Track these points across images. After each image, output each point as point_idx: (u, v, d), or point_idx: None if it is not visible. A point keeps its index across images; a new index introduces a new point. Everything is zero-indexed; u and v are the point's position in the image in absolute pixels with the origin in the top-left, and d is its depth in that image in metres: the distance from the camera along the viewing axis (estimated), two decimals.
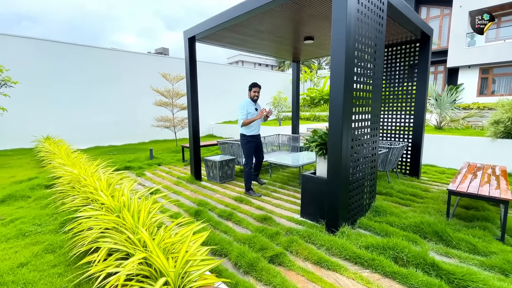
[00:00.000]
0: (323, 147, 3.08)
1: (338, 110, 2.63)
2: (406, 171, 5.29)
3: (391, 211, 3.28)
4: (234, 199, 4.07)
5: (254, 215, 3.39)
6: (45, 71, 9.18)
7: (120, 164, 6.50)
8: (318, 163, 3.22)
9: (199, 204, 3.86)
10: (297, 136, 6.59)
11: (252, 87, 4.29)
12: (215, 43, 5.14)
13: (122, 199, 2.25)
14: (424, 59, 4.84)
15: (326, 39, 4.95)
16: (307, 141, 3.29)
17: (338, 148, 2.67)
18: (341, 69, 2.57)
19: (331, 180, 2.79)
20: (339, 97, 2.61)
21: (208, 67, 13.66)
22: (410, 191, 4.19)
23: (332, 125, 2.70)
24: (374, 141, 3.29)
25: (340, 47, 2.55)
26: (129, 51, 11.19)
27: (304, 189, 3.30)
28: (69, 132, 9.64)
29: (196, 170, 5.17)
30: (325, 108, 14.58)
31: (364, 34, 2.80)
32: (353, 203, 3.01)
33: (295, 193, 4.33)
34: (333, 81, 2.65)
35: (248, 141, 4.34)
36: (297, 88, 7.02)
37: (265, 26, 4.22)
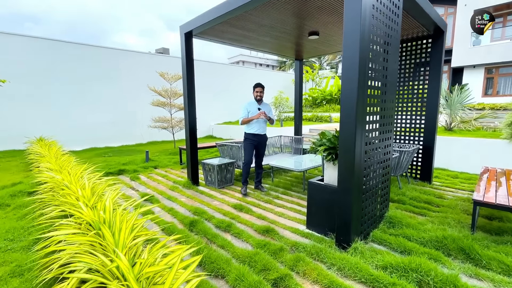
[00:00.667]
0: (332, 152, 2.76)
1: (351, 112, 2.31)
2: (417, 176, 4.97)
3: (407, 222, 2.95)
4: (233, 206, 3.75)
5: (255, 226, 3.07)
6: (38, 69, 8.88)
7: (114, 167, 6.19)
8: (327, 169, 2.90)
9: (195, 212, 3.54)
10: (300, 138, 6.27)
11: (255, 88, 4.33)
12: (213, 39, 4.83)
13: (101, 215, 1.93)
14: (437, 57, 4.52)
15: (332, 34, 4.63)
16: (314, 145, 2.97)
17: (351, 152, 2.35)
18: (355, 66, 2.25)
19: (342, 188, 2.47)
20: (352, 96, 2.29)
21: (208, 67, 13.36)
22: (424, 198, 3.86)
23: (344, 127, 2.38)
24: (387, 144, 2.97)
25: (354, 41, 2.24)
26: (126, 50, 10.89)
27: (310, 197, 2.98)
28: (64, 132, 9.34)
29: (193, 174, 4.85)
30: (327, 109, 14.26)
31: (380, 26, 2.48)
32: (366, 214, 2.69)
33: (300, 200, 4.01)
34: (345, 79, 2.34)
35: (246, 138, 4.38)
36: (300, 87, 6.70)
37: (267, 19, 3.91)
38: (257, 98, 4.31)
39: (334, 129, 2.98)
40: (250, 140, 4.34)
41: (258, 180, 4.56)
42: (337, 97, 15.40)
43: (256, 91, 4.29)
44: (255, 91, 4.31)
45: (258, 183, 4.56)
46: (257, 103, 4.37)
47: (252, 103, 4.36)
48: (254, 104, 4.35)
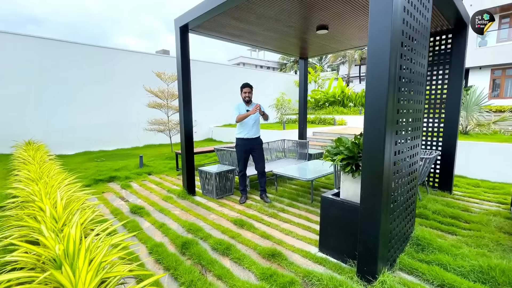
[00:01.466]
0: (352, 162, 2.31)
1: (379, 115, 1.87)
2: (435, 185, 4.52)
3: (439, 244, 2.50)
4: (233, 222, 3.29)
5: (258, 248, 2.61)
6: (27, 69, 8.46)
7: (105, 173, 5.74)
8: (344, 182, 2.45)
9: (190, 229, 3.08)
10: (305, 142, 5.82)
11: (242, 88, 3.96)
12: (212, 34, 4.39)
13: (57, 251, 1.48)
14: (459, 54, 4.08)
15: (343, 29, 4.20)
16: (328, 153, 2.52)
17: (379, 164, 1.90)
18: (385, 61, 1.81)
19: (367, 207, 2.02)
20: (380, 98, 1.85)
21: (208, 67, 12.95)
22: (449, 212, 3.40)
23: (370, 134, 1.93)
24: (415, 153, 2.52)
25: (384, 31, 1.80)
26: (121, 49, 10.48)
27: (324, 215, 2.53)
28: (56, 135, 8.89)
29: (189, 183, 4.39)
30: (331, 111, 13.83)
31: (411, 17, 2.04)
32: (394, 237, 2.24)
33: (308, 213, 3.55)
34: (371, 78, 1.90)
35: (236, 144, 4.06)
36: (305, 88, 6.26)
37: (271, 10, 3.48)
38: (245, 99, 3.97)
39: (341, 133, 2.54)
40: (241, 146, 4.00)
41: (262, 189, 4.13)
42: (340, 98, 14.98)
43: (244, 91, 3.95)
44: (243, 92, 3.96)
45: (262, 192, 4.13)
46: (246, 104, 4.01)
47: (241, 105, 4.03)
48: (243, 106, 4.00)
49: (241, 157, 4.03)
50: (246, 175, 4.18)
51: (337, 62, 34.22)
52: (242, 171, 4.10)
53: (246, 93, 3.94)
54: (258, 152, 4.05)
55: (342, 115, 12.70)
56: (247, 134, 3.97)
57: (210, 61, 13.40)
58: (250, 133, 3.97)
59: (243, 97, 3.99)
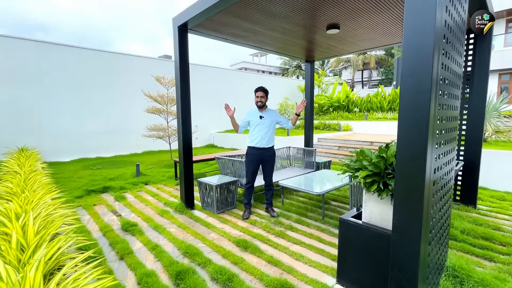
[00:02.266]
0: (378, 180, 1.93)
1: (420, 125, 1.50)
2: (457, 198, 4.12)
3: (481, 278, 2.09)
4: (236, 243, 2.90)
5: (265, 279, 2.22)
6: (23, 73, 8.19)
7: (99, 183, 5.38)
8: (367, 203, 2.07)
9: (186, 252, 2.70)
10: (312, 150, 5.45)
11: (255, 92, 3.67)
12: (213, 34, 4.07)
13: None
14: (484, 54, 3.73)
15: (356, 28, 3.87)
16: (348, 168, 2.15)
17: (419, 183, 1.53)
18: (428, 56, 1.46)
19: (402, 236, 1.64)
20: (422, 103, 1.49)
21: (210, 72, 12.68)
22: (480, 232, 3.00)
23: (408, 147, 1.56)
24: (451, 168, 2.15)
25: (428, 21, 1.45)
26: (121, 53, 10.22)
27: (344, 241, 2.14)
28: (51, 142, 8.58)
29: (187, 195, 4.02)
30: (335, 116, 13.47)
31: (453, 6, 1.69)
32: (431, 270, 1.85)
33: (319, 232, 3.17)
34: (410, 79, 1.54)
35: (247, 153, 3.74)
36: (311, 93, 5.91)
37: (277, 7, 3.15)
38: (258, 104, 3.64)
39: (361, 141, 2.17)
40: (251, 155, 3.66)
41: (268, 202, 3.79)
42: (344, 104, 14.63)
43: (256, 95, 3.63)
44: (256, 96, 3.64)
45: (268, 205, 3.79)
46: (259, 110, 3.67)
47: (254, 111, 3.72)
48: (255, 113, 3.69)
49: (250, 168, 3.67)
50: (253, 187, 3.81)
51: (339, 67, 34.02)
52: (249, 183, 3.74)
53: (259, 97, 3.60)
54: (268, 164, 3.69)
55: (347, 121, 12.33)
56: (259, 143, 3.60)
57: (212, 66, 13.14)
58: (262, 142, 3.60)
59: (256, 102, 3.65)
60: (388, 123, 11.02)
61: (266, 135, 3.61)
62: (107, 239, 3.07)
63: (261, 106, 3.65)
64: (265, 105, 3.70)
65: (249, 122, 3.72)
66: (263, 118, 3.64)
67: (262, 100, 3.62)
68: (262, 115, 3.65)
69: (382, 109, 13.52)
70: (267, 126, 3.62)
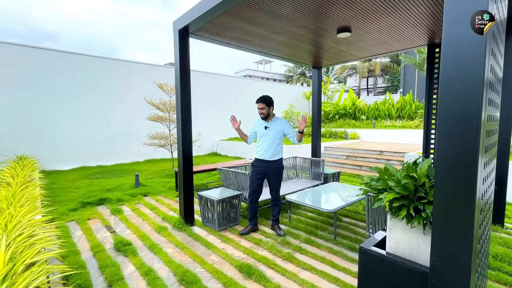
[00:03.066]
0: (407, 204, 1.62)
1: (468, 138, 1.21)
2: None
3: None
4: (239, 268, 2.59)
5: None
6: (22, 80, 8.10)
7: (96, 194, 5.13)
8: (392, 229, 1.75)
9: (182, 279, 2.39)
10: (319, 161, 5.13)
11: (256, 104, 3.46)
12: (216, 38, 3.86)
13: None
14: (511, 59, 3.43)
15: (368, 32, 3.60)
16: (369, 188, 1.84)
17: (468, 211, 1.23)
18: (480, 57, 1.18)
19: (445, 276, 1.32)
20: (472, 113, 1.20)
21: (214, 79, 12.54)
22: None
23: (450, 164, 1.26)
24: (491, 183, 1.83)
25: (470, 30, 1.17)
26: (122, 60, 10.13)
27: (365, 275, 1.82)
28: (50, 150, 8.41)
29: (186, 210, 3.73)
30: (341, 124, 13.15)
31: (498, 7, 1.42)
32: None
33: (332, 255, 2.83)
34: (447, 86, 1.26)
35: (252, 164, 3.56)
36: (319, 100, 5.64)
37: (284, 8, 2.91)
38: (261, 115, 3.46)
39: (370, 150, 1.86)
40: (256, 167, 3.45)
41: (274, 219, 3.49)
42: (351, 111, 14.32)
43: (257, 107, 3.42)
44: (257, 108, 3.43)
45: (274, 222, 3.50)
46: (265, 120, 3.46)
47: (260, 120, 3.53)
48: (261, 123, 3.49)
49: (253, 182, 3.43)
50: (257, 202, 3.51)
51: (344, 74, 33.87)
52: (252, 197, 3.46)
53: (259, 109, 3.39)
54: (274, 178, 3.41)
55: (354, 129, 11.99)
56: (263, 155, 3.36)
57: (217, 73, 13.01)
58: (266, 154, 3.35)
59: (259, 113, 3.45)
60: (397, 131, 10.66)
61: (270, 147, 3.34)
62: (97, 260, 2.79)
63: (264, 118, 3.43)
64: (271, 114, 3.44)
65: (256, 132, 3.51)
66: (268, 128, 3.39)
67: (263, 112, 3.37)
68: (267, 125, 3.40)
69: (390, 116, 13.16)
70: (272, 138, 3.35)
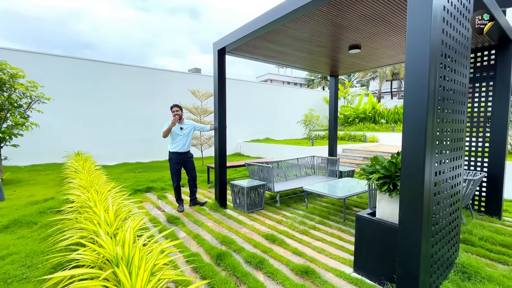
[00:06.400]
0: (388, 181, 2.29)
1: (418, 133, 1.87)
2: (481, 209, 4.18)
3: (488, 274, 2.31)
4: (264, 237, 3.33)
5: (291, 265, 2.62)
6: (77, 88, 9.49)
7: (143, 184, 6.14)
8: (380, 202, 2.41)
9: (223, 241, 3.18)
10: (335, 159, 5.75)
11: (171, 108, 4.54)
12: (246, 55, 4.68)
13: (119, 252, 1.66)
14: (504, 69, 3.88)
15: (376, 48, 4.24)
16: (364, 172, 2.52)
17: (418, 184, 1.88)
18: (423, 79, 1.84)
19: (406, 228, 1.98)
20: (420, 115, 1.86)
21: (236, 85, 13.49)
22: (499, 239, 3.13)
23: (409, 153, 1.93)
24: (458, 174, 2.42)
25: (422, 53, 1.84)
26: (160, 69, 11.37)
27: (359, 236, 2.49)
28: (99, 148, 9.74)
29: (221, 196, 4.55)
30: (361, 127, 13.48)
31: (449, 37, 2.06)
32: (436, 262, 2.14)
33: (340, 232, 3.49)
34: (410, 96, 1.92)
35: (169, 158, 4.53)
36: (335, 105, 6.27)
37: (304, 32, 3.65)
38: None
39: (375, 151, 2.52)
40: (172, 160, 4.47)
41: (192, 198, 4.65)
42: (371, 115, 14.58)
43: None
44: None
45: (191, 200, 4.66)
46: None
47: None
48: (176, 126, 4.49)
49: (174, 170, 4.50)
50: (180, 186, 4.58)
51: (367, 77, 33.58)
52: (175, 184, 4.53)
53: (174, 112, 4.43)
54: (187, 164, 4.55)
55: (374, 132, 12.31)
56: (178, 148, 4.44)
57: (240, 79, 13.95)
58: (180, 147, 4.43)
59: None
60: None
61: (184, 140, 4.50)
62: (156, 228, 3.66)
63: None
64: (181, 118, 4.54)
65: None
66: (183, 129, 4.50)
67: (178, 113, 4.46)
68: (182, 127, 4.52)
69: None
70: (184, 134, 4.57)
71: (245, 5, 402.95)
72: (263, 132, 14.19)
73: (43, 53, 8.80)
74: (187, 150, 4.51)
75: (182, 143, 4.41)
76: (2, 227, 3.16)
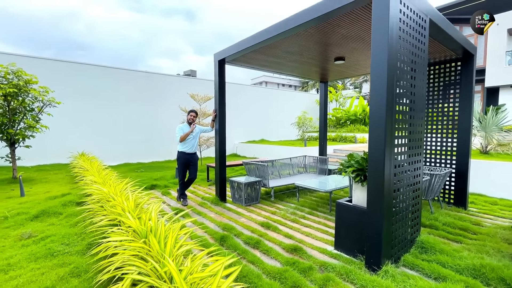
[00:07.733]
0: (361, 173, 2.83)
1: (379, 133, 2.41)
2: (450, 201, 4.77)
3: (441, 248, 2.87)
4: (260, 224, 3.85)
5: (283, 244, 3.14)
6: (81, 91, 9.89)
7: (147, 182, 6.59)
8: (355, 191, 2.95)
9: (224, 228, 3.69)
10: (325, 158, 6.31)
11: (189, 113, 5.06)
12: (244, 65, 5.20)
13: (149, 224, 2.16)
14: (468, 79, 4.49)
15: (358, 59, 4.81)
16: (342, 166, 3.05)
17: (380, 175, 2.42)
18: (383, 89, 2.39)
19: (371, 210, 2.52)
20: (380, 118, 2.40)
21: (232, 88, 13.99)
22: (459, 224, 3.71)
23: (373, 150, 2.47)
24: (417, 167, 2.98)
25: (381, 67, 2.39)
26: (158, 73, 11.82)
27: (339, 219, 3.03)
28: (101, 148, 10.13)
29: (221, 191, 5.05)
30: (352, 129, 14.12)
31: (406, 53, 2.62)
32: (397, 237, 2.68)
33: (326, 220, 4.02)
34: (373, 102, 2.47)
35: (178, 157, 4.90)
36: (325, 108, 6.84)
37: (295, 47, 4.19)
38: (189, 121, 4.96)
39: (362, 151, 3.07)
40: (180, 159, 4.86)
41: (181, 192, 5.01)
42: (361, 117, 15.23)
43: None
44: None
45: (181, 194, 5.04)
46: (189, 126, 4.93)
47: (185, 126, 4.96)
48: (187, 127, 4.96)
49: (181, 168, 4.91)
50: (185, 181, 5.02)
51: (360, 80, 34.43)
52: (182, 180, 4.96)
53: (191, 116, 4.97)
54: (192, 164, 4.94)
55: (364, 133, 12.94)
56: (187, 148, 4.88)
57: (236, 83, 14.47)
58: (189, 148, 4.87)
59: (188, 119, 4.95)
60: None
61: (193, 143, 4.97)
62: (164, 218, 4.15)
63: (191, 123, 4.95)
64: None
65: None
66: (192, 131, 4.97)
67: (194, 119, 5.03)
68: None
69: None
70: None
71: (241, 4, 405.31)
72: (259, 134, 14.74)
73: (51, 59, 9.20)
74: (195, 151, 4.97)
75: (191, 144, 4.87)
76: (32, 217, 3.61)
